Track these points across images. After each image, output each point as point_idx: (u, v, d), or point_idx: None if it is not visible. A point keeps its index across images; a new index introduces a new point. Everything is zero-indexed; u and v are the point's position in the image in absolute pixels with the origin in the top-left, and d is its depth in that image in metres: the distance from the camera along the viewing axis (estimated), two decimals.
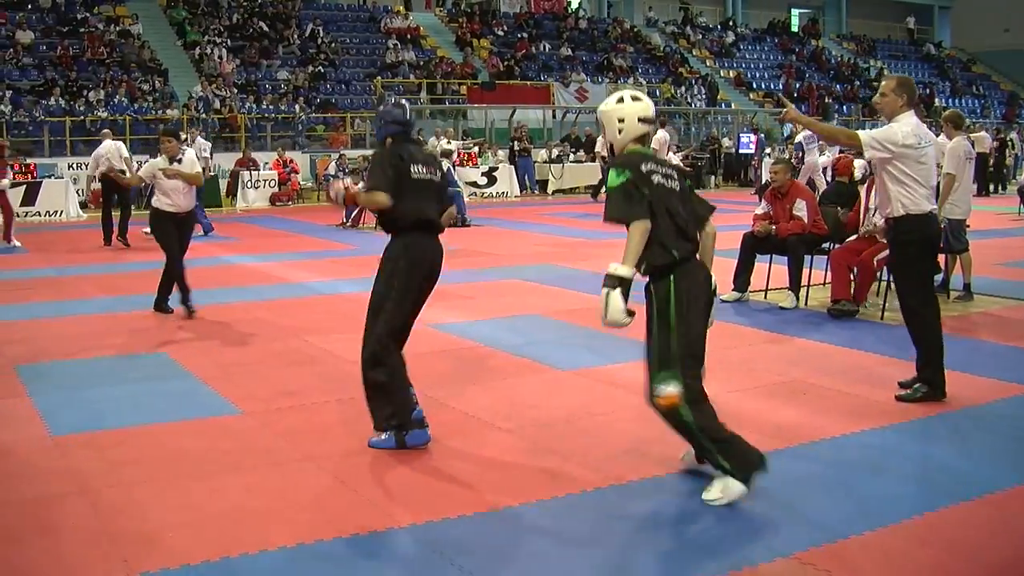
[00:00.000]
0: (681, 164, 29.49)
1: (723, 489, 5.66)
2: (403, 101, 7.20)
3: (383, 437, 6.70)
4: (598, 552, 5.08)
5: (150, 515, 5.61)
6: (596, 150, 29.30)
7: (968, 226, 12.06)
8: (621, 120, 5.80)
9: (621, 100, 5.85)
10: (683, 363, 5.69)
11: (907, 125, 7.51)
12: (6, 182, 18.95)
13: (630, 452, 6.60)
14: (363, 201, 6.98)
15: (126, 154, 20.13)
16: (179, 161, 11.48)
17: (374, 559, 5.06)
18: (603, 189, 24.41)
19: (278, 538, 5.23)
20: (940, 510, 5.60)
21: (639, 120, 5.78)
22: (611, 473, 6.16)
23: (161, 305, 11.54)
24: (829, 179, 21.13)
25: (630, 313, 5.52)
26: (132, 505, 5.77)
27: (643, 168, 5.61)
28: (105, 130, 22.05)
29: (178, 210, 11.42)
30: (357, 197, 7.28)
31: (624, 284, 5.49)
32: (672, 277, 5.69)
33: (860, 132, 7.74)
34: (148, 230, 13.32)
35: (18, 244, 18.64)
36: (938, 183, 9.86)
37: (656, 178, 5.63)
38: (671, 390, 5.62)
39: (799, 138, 24.90)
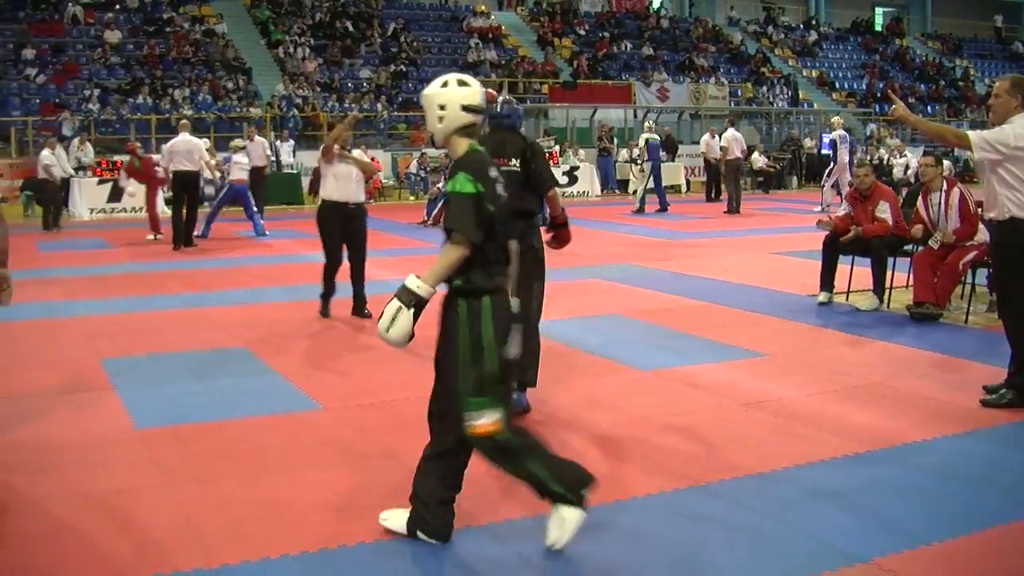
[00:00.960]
0: (765, 165, 29.31)
1: (560, 525, 5.05)
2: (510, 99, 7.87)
3: None
4: (675, 553, 5.06)
5: (231, 508, 5.67)
6: (701, 151, 29.24)
7: None
8: (442, 107, 5.15)
9: (445, 84, 5.23)
10: (500, 388, 5.11)
11: (1020, 127, 7.34)
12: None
13: (709, 454, 6.57)
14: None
15: (207, 157, 19.36)
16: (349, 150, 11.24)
17: (452, 557, 5.07)
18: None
19: (357, 534, 5.27)
20: None
21: (463, 108, 5.13)
22: (690, 474, 6.13)
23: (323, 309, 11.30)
24: (914, 180, 20.88)
25: (411, 336, 5.03)
26: (213, 498, 5.84)
27: (491, 174, 5.13)
28: (183, 120, 20.38)
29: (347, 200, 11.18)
30: None
31: (420, 305, 5.02)
32: (489, 298, 5.08)
33: (970, 133, 7.52)
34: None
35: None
36: None
37: (499, 188, 5.14)
38: (489, 418, 5.02)
39: (836, 136, 24.74)
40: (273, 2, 38.88)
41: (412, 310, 4.99)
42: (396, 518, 5.31)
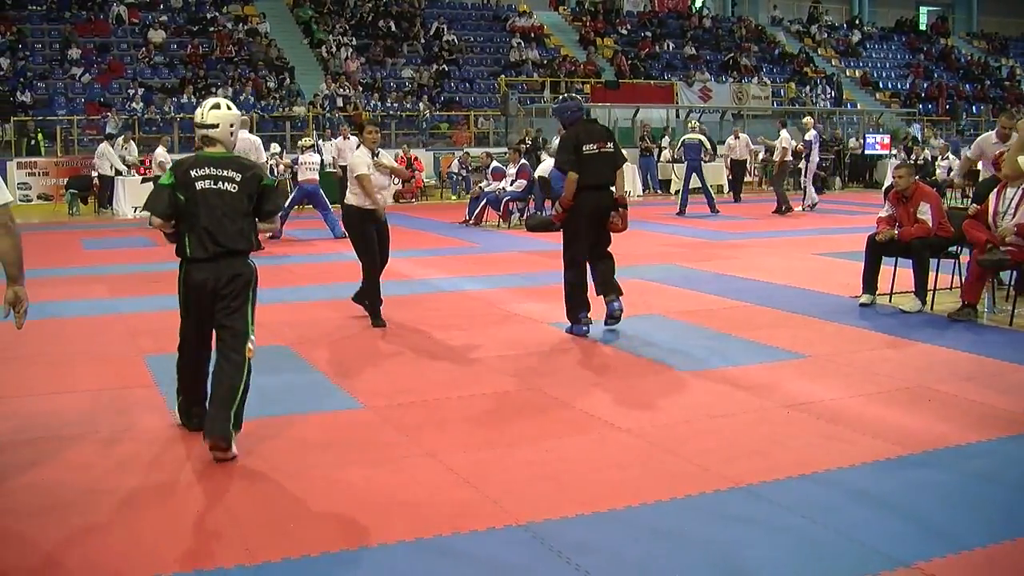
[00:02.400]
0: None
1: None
2: (575, 95, 10.45)
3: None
4: (715, 554, 5.04)
5: (273, 505, 5.71)
6: (723, 152, 29.06)
7: None
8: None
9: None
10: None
11: None
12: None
13: (750, 455, 6.55)
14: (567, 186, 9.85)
15: (263, 156, 17.92)
16: (377, 154, 10.94)
17: (492, 556, 5.07)
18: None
19: (397, 532, 5.28)
20: None
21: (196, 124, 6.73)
22: (730, 475, 6.12)
23: (376, 320, 10.81)
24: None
25: None
26: (255, 494, 5.88)
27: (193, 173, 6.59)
28: (244, 117, 20.10)
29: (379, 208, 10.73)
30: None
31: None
32: (181, 267, 6.88)
33: None
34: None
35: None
36: None
37: (201, 184, 6.58)
38: (252, 347, 6.78)
39: (808, 137, 24.54)
40: (316, 1, 39.06)
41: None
42: None
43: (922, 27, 55.54)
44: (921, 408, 7.56)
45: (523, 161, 21.71)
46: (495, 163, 23.11)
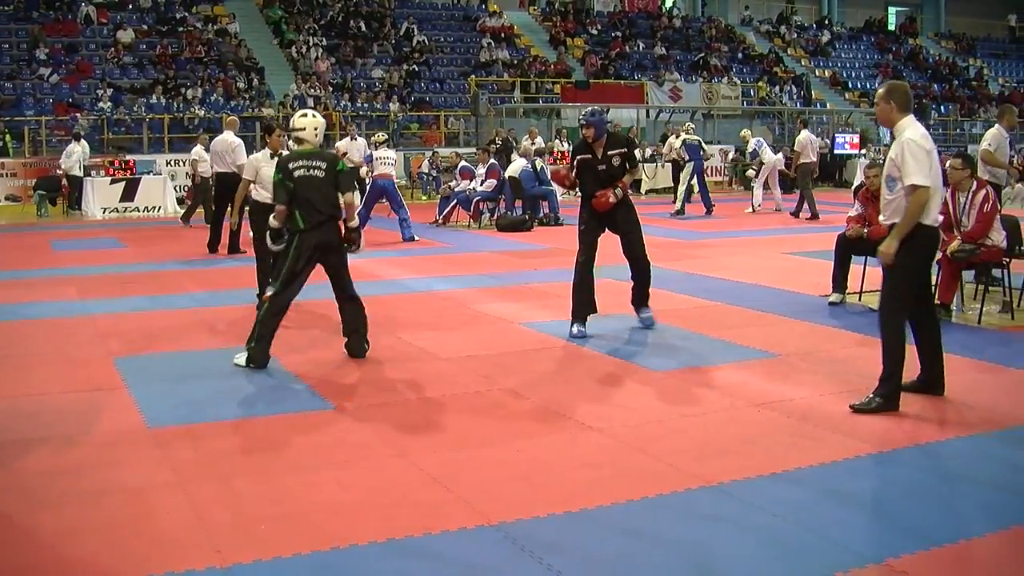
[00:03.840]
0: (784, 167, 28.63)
1: (241, 356, 8.89)
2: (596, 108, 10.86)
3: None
4: (687, 553, 5.06)
5: (244, 507, 5.69)
6: (663, 151, 29.00)
7: None
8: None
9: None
10: (285, 278, 8.95)
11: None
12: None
13: (721, 454, 6.57)
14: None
15: (240, 159, 16.67)
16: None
17: (464, 556, 5.06)
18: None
19: (369, 533, 5.27)
20: None
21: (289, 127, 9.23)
22: (701, 474, 6.13)
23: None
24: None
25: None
26: (226, 497, 5.86)
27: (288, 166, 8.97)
28: (231, 118, 19.22)
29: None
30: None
31: (275, 233, 9.16)
32: (296, 235, 8.95)
33: (921, 183, 7.33)
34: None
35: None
36: None
37: (298, 172, 8.96)
38: (269, 292, 8.99)
39: (752, 144, 24.41)
40: (286, 1, 38.97)
41: (273, 236, 9.25)
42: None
43: (891, 27, 55.84)
44: None
45: (492, 161, 21.69)
46: (463, 163, 23.05)
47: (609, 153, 10.33)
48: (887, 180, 7.51)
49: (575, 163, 10.51)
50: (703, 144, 25.11)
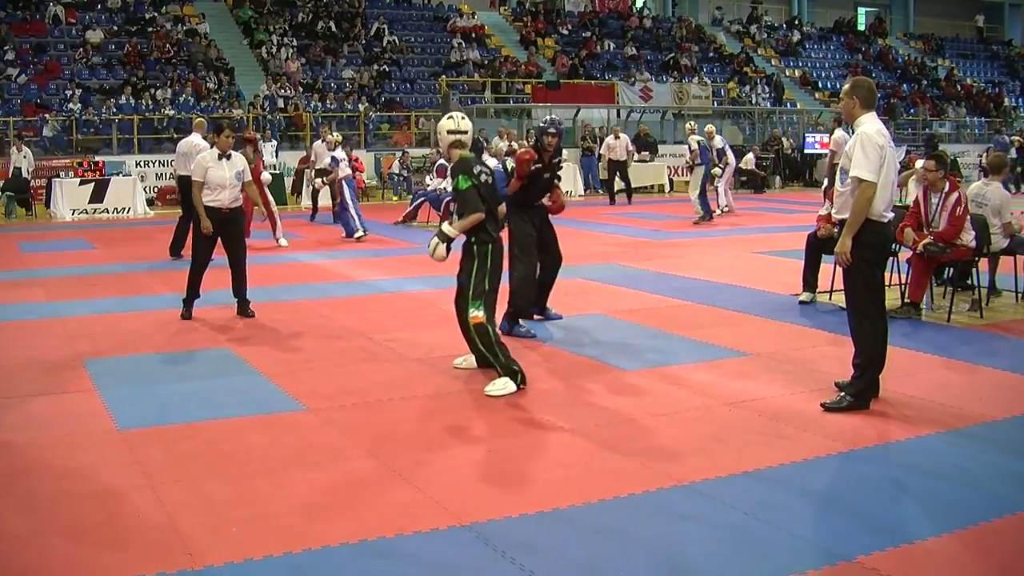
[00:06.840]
0: (754, 166, 28.57)
1: (504, 385, 7.96)
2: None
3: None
4: (659, 552, 5.06)
5: (215, 509, 5.67)
6: (600, 151, 29.06)
7: None
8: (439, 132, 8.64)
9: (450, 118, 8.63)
10: (489, 296, 8.22)
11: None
12: (267, 176, 18.43)
13: (693, 453, 6.58)
14: None
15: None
16: (228, 157, 11.12)
17: (436, 557, 5.06)
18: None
19: (341, 534, 5.26)
20: (1007, 517, 5.51)
21: (447, 132, 8.51)
22: (673, 474, 6.14)
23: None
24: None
25: (445, 258, 8.45)
26: (197, 499, 5.83)
27: (475, 170, 8.28)
28: (199, 119, 19.36)
29: (222, 205, 11.08)
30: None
31: (449, 240, 8.39)
32: (490, 245, 8.32)
33: (866, 176, 7.40)
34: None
35: (284, 243, 17.86)
36: None
37: (483, 176, 8.33)
38: (480, 313, 8.11)
39: (719, 142, 24.25)
40: (255, 2, 38.81)
41: (446, 243, 8.39)
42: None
43: (860, 27, 56.05)
44: None
45: (440, 161, 21.56)
46: (441, 160, 22.97)
47: (555, 161, 10.58)
48: (840, 172, 7.59)
49: (530, 172, 10.32)
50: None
